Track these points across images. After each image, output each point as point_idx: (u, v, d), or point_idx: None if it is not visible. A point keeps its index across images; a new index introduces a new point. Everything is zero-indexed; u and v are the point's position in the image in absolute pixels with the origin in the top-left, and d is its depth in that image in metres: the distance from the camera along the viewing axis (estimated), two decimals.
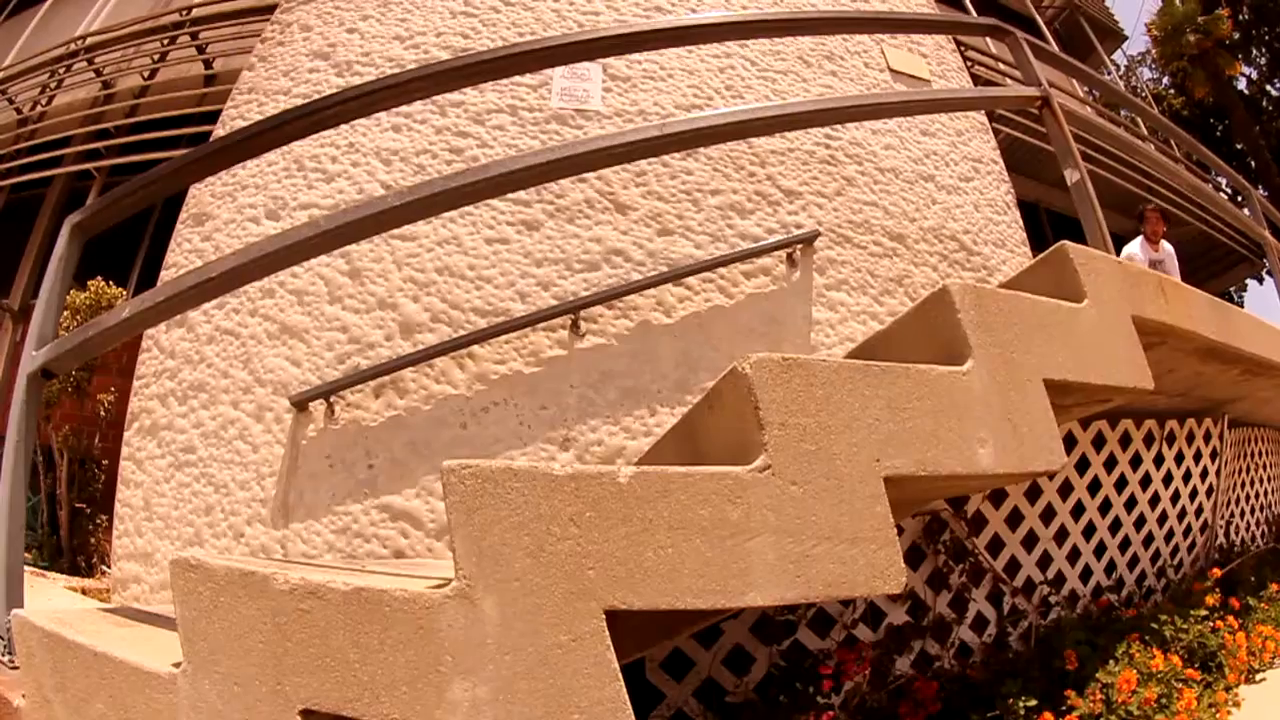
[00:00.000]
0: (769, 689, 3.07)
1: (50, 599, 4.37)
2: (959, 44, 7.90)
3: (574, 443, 4.36)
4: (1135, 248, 7.19)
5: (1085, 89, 13.66)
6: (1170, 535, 4.51)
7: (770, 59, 5.59)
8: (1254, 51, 19.67)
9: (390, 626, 1.44)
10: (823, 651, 3.21)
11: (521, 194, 4.68)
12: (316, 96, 5.05)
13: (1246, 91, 19.85)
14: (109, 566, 6.03)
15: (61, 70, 9.38)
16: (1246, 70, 19.52)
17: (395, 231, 4.62)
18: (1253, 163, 19.32)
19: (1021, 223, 6.14)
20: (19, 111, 9.61)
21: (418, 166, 4.82)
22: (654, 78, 5.25)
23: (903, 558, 2.89)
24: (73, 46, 9.38)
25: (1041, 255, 2.86)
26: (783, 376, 1.83)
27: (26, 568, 6.18)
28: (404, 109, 4.75)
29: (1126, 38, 15.53)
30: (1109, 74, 15.30)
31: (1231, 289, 17.51)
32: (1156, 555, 4.41)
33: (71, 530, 6.23)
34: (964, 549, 3.59)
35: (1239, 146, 20.07)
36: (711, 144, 4.14)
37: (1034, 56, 3.79)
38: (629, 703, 1.50)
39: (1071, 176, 3.44)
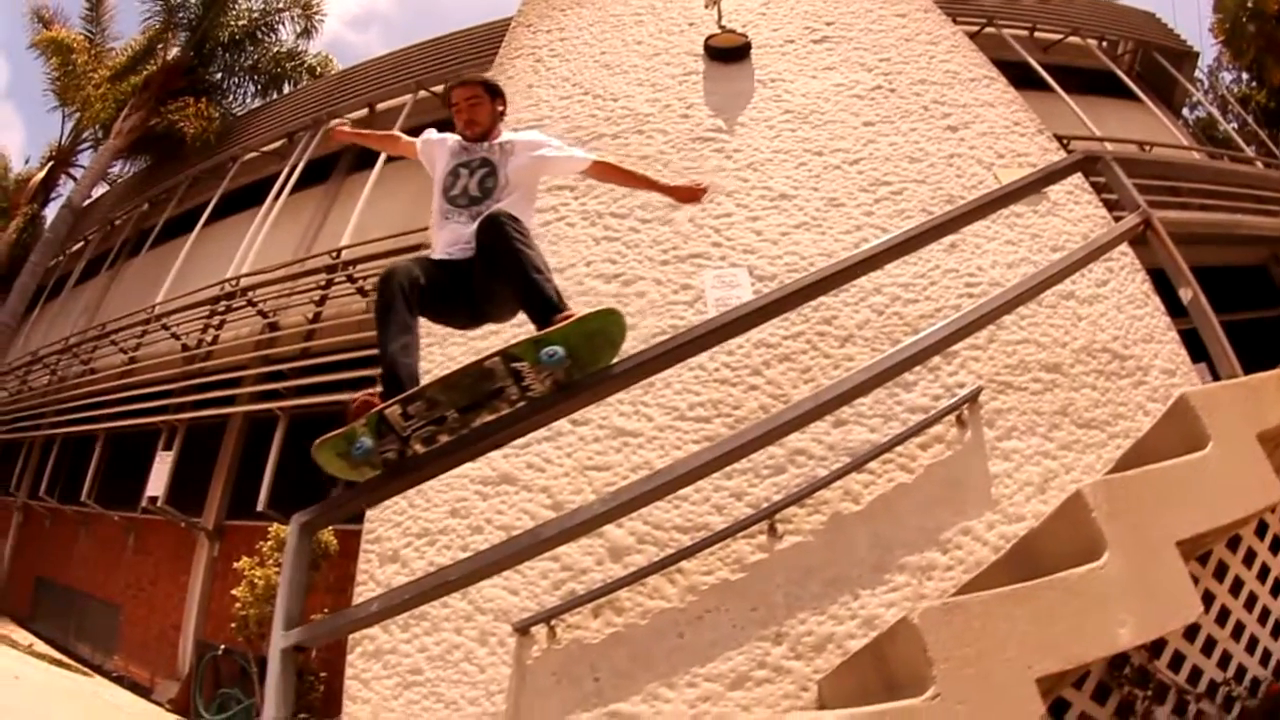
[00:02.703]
0: None
1: None
2: (1060, 139, 8.09)
3: (785, 637, 4.55)
4: (442, 137, 4.15)
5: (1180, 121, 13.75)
6: None
7: (899, 220, 5.86)
8: None
9: None
10: None
11: (700, 411, 5.02)
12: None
13: None
14: None
15: (221, 308, 10.22)
16: None
17: (589, 463, 4.99)
18: None
19: (1163, 307, 6.08)
20: (185, 347, 10.44)
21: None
22: (796, 270, 5.56)
23: (1090, 697, 3.08)
24: (228, 287, 10.21)
25: (1165, 410, 3.03)
26: (945, 619, 2.11)
27: None
28: None
29: (1199, 53, 15.41)
30: (1194, 95, 15.25)
31: None
32: None
33: None
34: (1146, 673, 3.67)
35: None
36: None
37: (1125, 177, 3.90)
38: None
39: (1185, 295, 3.52)
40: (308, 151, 12.58)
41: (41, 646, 10.31)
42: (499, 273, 3.24)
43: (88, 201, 18.20)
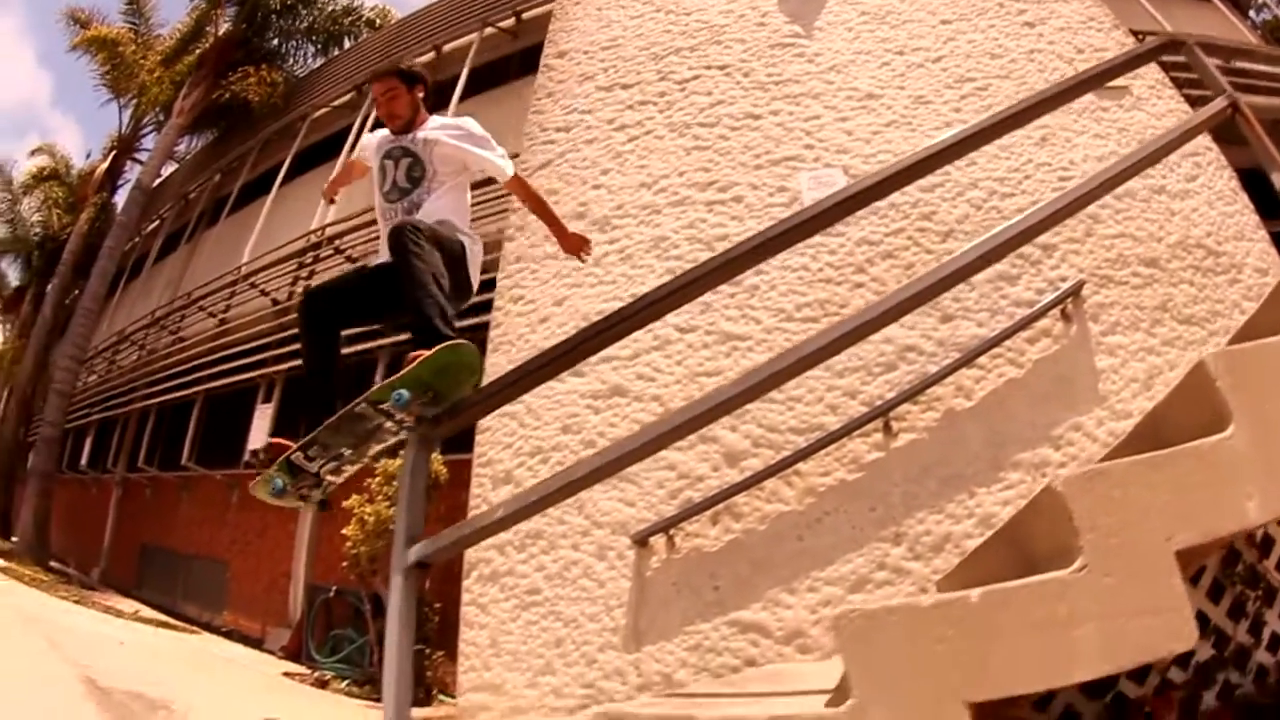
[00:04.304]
0: None
1: None
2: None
3: (904, 537, 4.54)
4: (373, 138, 4.30)
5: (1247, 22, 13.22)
6: None
7: (984, 115, 5.72)
8: None
9: None
10: (1141, 698, 3.32)
11: (808, 311, 4.98)
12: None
13: None
14: (447, 696, 6.54)
15: (309, 259, 10.33)
16: None
17: (699, 370, 4.98)
18: None
19: (1251, 205, 5.97)
20: (275, 302, 10.61)
21: (703, 305, 5.11)
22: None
23: (1205, 595, 3.02)
24: (314, 238, 10.33)
25: (1272, 289, 2.98)
26: (1088, 486, 2.07)
27: (360, 701, 6.75)
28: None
29: None
30: None
31: None
32: None
33: None
34: (1257, 574, 3.61)
35: None
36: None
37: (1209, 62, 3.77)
38: None
39: (1279, 181, 3.42)
40: None
41: (148, 612, 10.42)
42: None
43: (158, 181, 18.51)
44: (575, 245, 4.26)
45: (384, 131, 4.05)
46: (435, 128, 3.93)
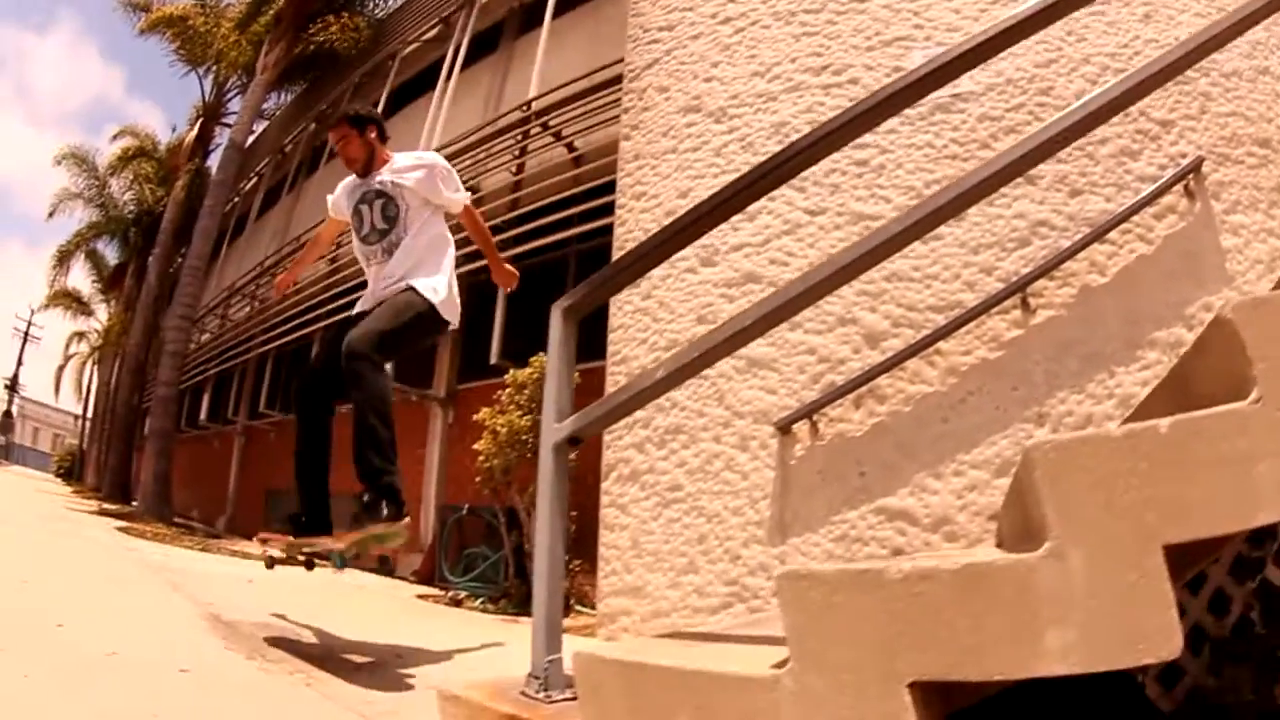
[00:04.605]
0: (1242, 629, 3.17)
1: None
2: None
3: (1047, 417, 4.47)
4: (341, 189, 4.79)
5: None
6: None
7: None
8: None
9: (996, 592, 1.69)
10: None
11: (937, 188, 4.89)
12: (705, 147, 5.54)
13: None
14: (584, 605, 6.71)
15: None
16: None
17: (832, 251, 4.94)
18: None
19: None
20: None
21: (832, 186, 5.12)
22: None
23: None
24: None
25: None
26: (1255, 313, 2.02)
27: (495, 616, 6.95)
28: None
29: None
30: None
31: None
32: None
33: None
34: None
35: None
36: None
37: None
38: (1180, 627, 1.67)
39: None
40: (468, 29, 12.60)
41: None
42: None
43: (251, 139, 18.90)
44: (506, 278, 4.91)
45: (349, 179, 4.48)
46: (402, 168, 4.32)
